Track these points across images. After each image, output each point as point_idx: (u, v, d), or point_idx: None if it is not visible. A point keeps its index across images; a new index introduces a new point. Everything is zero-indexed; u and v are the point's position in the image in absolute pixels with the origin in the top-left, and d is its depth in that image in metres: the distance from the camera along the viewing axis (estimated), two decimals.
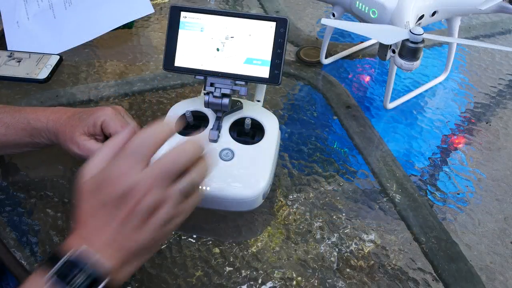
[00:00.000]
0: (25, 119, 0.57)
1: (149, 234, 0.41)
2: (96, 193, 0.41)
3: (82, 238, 0.40)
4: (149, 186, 0.40)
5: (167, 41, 0.56)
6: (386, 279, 0.52)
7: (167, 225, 0.42)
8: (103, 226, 0.41)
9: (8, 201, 0.59)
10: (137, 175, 0.40)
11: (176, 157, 0.42)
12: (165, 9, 0.95)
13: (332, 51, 0.83)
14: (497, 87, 0.78)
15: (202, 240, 0.56)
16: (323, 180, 0.62)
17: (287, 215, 0.58)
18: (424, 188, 0.62)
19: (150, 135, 0.42)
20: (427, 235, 0.56)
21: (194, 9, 0.56)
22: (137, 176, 0.40)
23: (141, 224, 0.41)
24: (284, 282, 0.52)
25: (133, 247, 0.41)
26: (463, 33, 0.89)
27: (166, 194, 0.41)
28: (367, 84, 0.78)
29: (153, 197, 0.40)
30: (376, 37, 0.64)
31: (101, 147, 0.44)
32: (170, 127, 0.44)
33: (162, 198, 0.41)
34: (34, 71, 0.77)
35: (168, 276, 0.52)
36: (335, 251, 0.55)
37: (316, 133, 0.69)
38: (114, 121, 0.56)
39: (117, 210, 0.40)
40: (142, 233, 0.41)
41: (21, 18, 0.84)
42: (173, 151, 0.42)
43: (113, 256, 0.40)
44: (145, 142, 0.42)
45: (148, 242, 0.41)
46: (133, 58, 0.83)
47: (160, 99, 0.74)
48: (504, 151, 0.67)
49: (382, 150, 0.67)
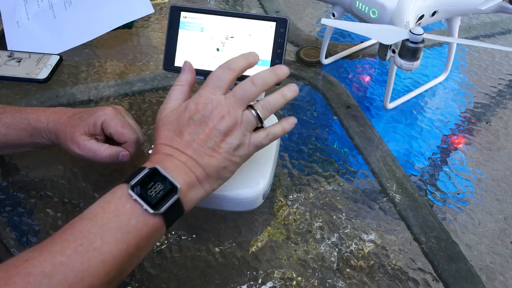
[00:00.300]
0: (25, 119, 0.57)
1: (221, 157, 0.45)
2: (178, 119, 0.46)
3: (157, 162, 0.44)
4: (226, 110, 0.46)
5: (167, 41, 0.56)
6: (386, 279, 0.52)
7: (235, 152, 0.46)
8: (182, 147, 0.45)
9: (8, 201, 0.59)
10: (218, 99, 0.46)
11: (250, 84, 0.47)
12: (165, 9, 0.95)
13: (332, 51, 0.83)
14: (497, 87, 0.78)
15: (202, 240, 0.56)
16: (323, 180, 0.62)
17: (287, 215, 0.58)
18: (424, 188, 0.62)
19: (228, 65, 0.48)
20: (427, 235, 0.56)
21: (194, 9, 0.56)
22: (219, 100, 0.46)
23: (216, 146, 0.45)
24: (284, 282, 0.52)
25: (207, 169, 0.45)
26: (463, 33, 0.89)
27: (239, 118, 0.46)
28: (367, 84, 0.78)
29: (229, 119, 0.46)
30: (376, 37, 0.64)
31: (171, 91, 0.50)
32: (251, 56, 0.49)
33: (236, 122, 0.46)
34: (34, 71, 0.77)
35: (168, 276, 0.52)
36: (335, 251, 0.55)
37: (316, 133, 0.69)
38: (115, 120, 0.56)
39: (200, 128, 0.45)
40: (215, 155, 0.45)
41: (21, 18, 0.84)
42: (249, 78, 0.48)
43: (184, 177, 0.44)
44: (223, 72, 0.47)
45: (218, 167, 0.46)
46: (133, 58, 0.83)
47: (160, 99, 0.74)
48: (504, 151, 0.67)
49: (382, 150, 0.67)
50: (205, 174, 0.45)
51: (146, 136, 0.66)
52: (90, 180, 0.62)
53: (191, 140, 0.45)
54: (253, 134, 0.48)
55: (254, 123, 0.47)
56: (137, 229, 0.41)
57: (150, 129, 0.69)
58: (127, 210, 0.41)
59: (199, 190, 0.45)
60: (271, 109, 0.49)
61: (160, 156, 0.45)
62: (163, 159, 0.45)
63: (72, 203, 0.59)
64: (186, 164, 0.44)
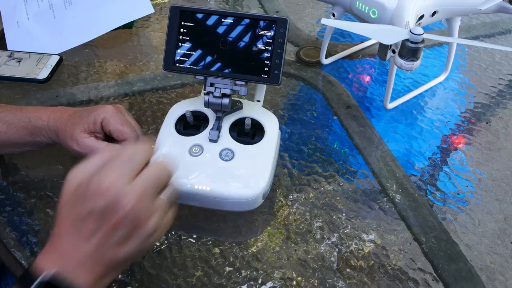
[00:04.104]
0: (26, 118, 0.57)
1: (133, 247, 0.40)
2: (79, 203, 0.40)
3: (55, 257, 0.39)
4: (137, 198, 0.39)
5: (167, 41, 0.56)
6: (386, 279, 0.52)
7: (151, 238, 0.41)
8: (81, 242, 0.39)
9: (8, 201, 0.59)
10: (125, 186, 0.39)
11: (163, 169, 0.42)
12: (165, 9, 0.95)
13: (332, 51, 0.83)
14: (497, 87, 0.78)
15: (202, 240, 0.56)
16: (323, 180, 0.62)
17: (287, 215, 0.58)
18: (424, 188, 0.62)
19: (142, 150, 0.42)
20: (427, 235, 0.56)
21: (194, 9, 0.56)
22: (125, 187, 0.39)
23: (126, 237, 0.40)
24: (284, 282, 0.52)
25: (113, 262, 0.40)
26: (463, 33, 0.89)
27: (153, 206, 0.41)
28: (367, 84, 0.78)
29: (141, 208, 0.40)
30: (376, 37, 0.64)
31: (93, 156, 0.43)
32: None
33: (150, 210, 0.41)
34: (34, 71, 0.77)
35: (168, 276, 0.52)
36: (335, 251, 0.55)
37: (316, 133, 0.69)
38: (115, 118, 0.56)
39: (102, 221, 0.39)
40: (125, 246, 0.40)
41: (21, 18, 0.84)
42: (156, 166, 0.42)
43: (88, 274, 0.39)
44: (136, 155, 0.42)
45: (129, 255, 0.41)
46: (133, 58, 0.83)
47: (160, 99, 0.74)
48: (504, 151, 0.67)
49: (382, 150, 0.67)
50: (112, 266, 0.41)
51: (146, 136, 0.66)
52: None
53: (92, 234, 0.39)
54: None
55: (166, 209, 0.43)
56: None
57: (150, 129, 0.69)
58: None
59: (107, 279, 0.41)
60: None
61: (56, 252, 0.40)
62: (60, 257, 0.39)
63: None
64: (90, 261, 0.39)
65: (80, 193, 0.40)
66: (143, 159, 0.42)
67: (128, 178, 0.40)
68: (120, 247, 0.40)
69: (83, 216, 0.39)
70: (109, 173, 0.40)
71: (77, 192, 0.40)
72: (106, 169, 0.40)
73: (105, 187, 0.39)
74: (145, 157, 0.42)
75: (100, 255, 0.39)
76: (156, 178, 0.42)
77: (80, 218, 0.39)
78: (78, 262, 0.39)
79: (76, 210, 0.40)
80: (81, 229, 0.39)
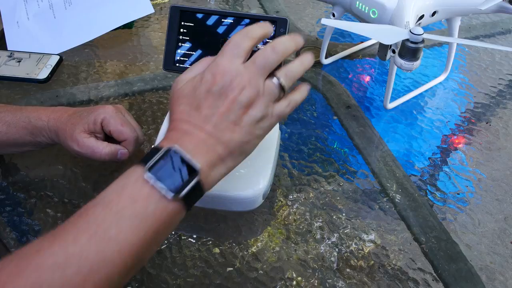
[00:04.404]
0: (26, 118, 0.57)
1: (245, 130, 0.43)
2: (195, 91, 0.43)
3: (176, 138, 0.41)
4: (247, 79, 0.42)
5: (167, 41, 0.56)
6: (386, 279, 0.52)
7: (258, 124, 0.43)
8: (201, 122, 0.42)
9: (8, 201, 0.59)
10: (238, 68, 0.43)
11: (271, 50, 0.44)
12: (165, 9, 0.95)
13: (332, 51, 0.83)
14: (497, 87, 0.78)
15: (202, 240, 0.56)
16: (323, 180, 0.62)
17: (287, 215, 0.58)
18: (424, 188, 0.62)
19: (246, 32, 0.45)
20: (427, 235, 0.56)
21: (194, 9, 0.56)
22: (238, 69, 0.43)
23: (238, 119, 0.42)
24: (284, 282, 0.52)
25: (230, 144, 0.42)
26: (463, 33, 0.89)
27: (261, 88, 0.43)
28: (367, 84, 0.78)
29: (250, 90, 0.42)
30: (376, 37, 0.64)
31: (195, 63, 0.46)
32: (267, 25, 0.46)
33: (258, 92, 0.43)
34: (34, 71, 0.77)
35: (168, 276, 0.52)
36: (335, 251, 0.55)
37: (316, 133, 0.69)
38: (115, 118, 0.56)
39: (219, 100, 0.42)
40: (239, 128, 0.42)
41: (21, 18, 0.84)
42: (269, 45, 0.44)
43: (206, 155, 0.41)
44: (241, 39, 0.44)
45: (242, 142, 0.43)
46: (133, 58, 0.83)
47: (160, 99, 0.74)
48: (504, 151, 0.67)
49: (382, 150, 0.67)
50: (227, 151, 0.42)
51: (146, 136, 0.66)
52: (90, 180, 0.62)
53: (210, 114, 0.42)
54: (275, 104, 0.45)
55: (276, 93, 0.44)
56: (156, 215, 0.38)
57: (150, 129, 0.69)
58: (144, 195, 0.38)
59: (221, 169, 0.43)
60: (293, 77, 0.45)
61: (177, 133, 0.42)
62: (181, 137, 0.41)
63: (72, 203, 0.59)
64: (207, 142, 0.41)
65: (197, 81, 0.43)
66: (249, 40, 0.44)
67: (238, 61, 0.43)
68: (235, 127, 0.42)
69: (203, 97, 0.42)
70: (219, 60, 0.43)
71: (190, 87, 0.44)
72: (215, 59, 0.44)
73: (221, 70, 0.43)
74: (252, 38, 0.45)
75: (220, 133, 0.42)
76: (264, 60, 0.43)
77: (200, 100, 0.43)
78: (198, 141, 0.41)
79: (194, 96, 0.43)
80: (201, 110, 0.42)
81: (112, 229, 0.37)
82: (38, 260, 0.35)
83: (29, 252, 0.36)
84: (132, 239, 0.37)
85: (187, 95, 0.43)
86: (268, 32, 0.46)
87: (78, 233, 0.36)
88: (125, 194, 0.38)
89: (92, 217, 0.37)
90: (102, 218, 0.37)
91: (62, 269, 0.34)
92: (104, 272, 0.36)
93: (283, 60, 0.46)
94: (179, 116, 0.43)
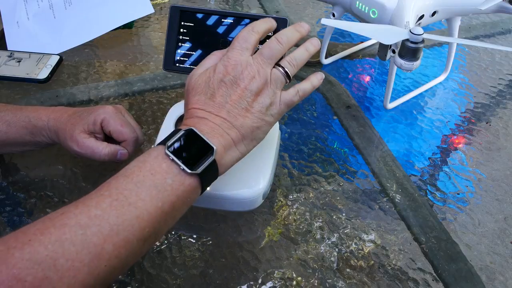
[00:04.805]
0: (26, 117, 0.57)
1: (256, 117, 0.46)
2: (208, 82, 0.47)
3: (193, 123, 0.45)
4: (256, 70, 0.47)
5: (167, 41, 0.56)
6: (386, 279, 0.52)
7: (268, 111, 0.47)
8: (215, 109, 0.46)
9: (8, 201, 0.59)
10: (247, 60, 0.47)
11: (276, 42, 0.48)
12: (165, 9, 0.95)
13: (332, 51, 0.83)
14: (497, 87, 0.78)
15: (202, 240, 0.56)
16: (323, 180, 0.62)
17: (287, 215, 0.58)
18: (424, 188, 0.62)
19: (252, 27, 0.49)
20: (427, 235, 0.56)
21: (194, 9, 0.56)
22: (247, 61, 0.47)
23: (249, 106, 0.46)
24: (284, 282, 0.52)
25: (243, 129, 0.46)
26: (463, 33, 0.89)
27: (269, 77, 0.47)
28: (367, 84, 0.78)
29: (259, 79, 0.47)
30: (376, 37, 0.64)
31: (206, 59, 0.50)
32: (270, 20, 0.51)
33: (266, 81, 0.47)
34: (34, 71, 0.77)
35: (168, 276, 0.52)
36: (335, 251, 0.55)
37: (316, 133, 0.69)
38: (114, 119, 0.56)
39: (232, 89, 0.46)
40: (250, 113, 0.46)
41: (21, 18, 0.84)
42: (274, 37, 0.49)
43: (220, 138, 0.45)
44: (248, 34, 0.48)
45: (253, 127, 0.47)
46: (133, 58, 0.83)
47: (160, 99, 0.74)
48: (504, 151, 0.67)
49: (382, 150, 0.67)
50: (240, 136, 0.46)
51: (146, 136, 0.66)
52: (90, 180, 0.62)
53: (224, 102, 0.46)
54: (283, 92, 0.49)
55: (283, 80, 0.49)
56: (173, 188, 0.41)
57: (150, 129, 0.69)
58: (163, 169, 0.42)
59: (234, 152, 0.46)
60: (297, 64, 0.50)
61: (194, 120, 0.46)
62: (198, 122, 0.45)
63: None
64: (221, 127, 0.45)
65: (210, 72, 0.47)
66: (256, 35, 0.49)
67: (247, 53, 0.47)
68: (246, 113, 0.46)
69: (216, 86, 0.46)
70: (230, 54, 0.47)
71: (206, 74, 0.47)
72: (229, 51, 0.48)
73: (232, 62, 0.47)
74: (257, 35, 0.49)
75: (232, 119, 0.46)
76: (269, 51, 0.48)
77: (214, 89, 0.46)
78: (213, 125, 0.45)
79: (208, 86, 0.47)
80: (215, 98, 0.46)
81: (132, 197, 0.40)
82: (62, 220, 0.38)
83: (54, 215, 0.38)
84: (150, 207, 0.40)
85: (201, 85, 0.47)
86: (271, 26, 0.51)
87: (100, 199, 0.39)
88: (145, 168, 0.42)
89: (113, 186, 0.41)
90: (123, 186, 0.40)
91: (84, 228, 0.37)
92: (123, 235, 0.38)
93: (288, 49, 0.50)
94: (195, 105, 0.47)
